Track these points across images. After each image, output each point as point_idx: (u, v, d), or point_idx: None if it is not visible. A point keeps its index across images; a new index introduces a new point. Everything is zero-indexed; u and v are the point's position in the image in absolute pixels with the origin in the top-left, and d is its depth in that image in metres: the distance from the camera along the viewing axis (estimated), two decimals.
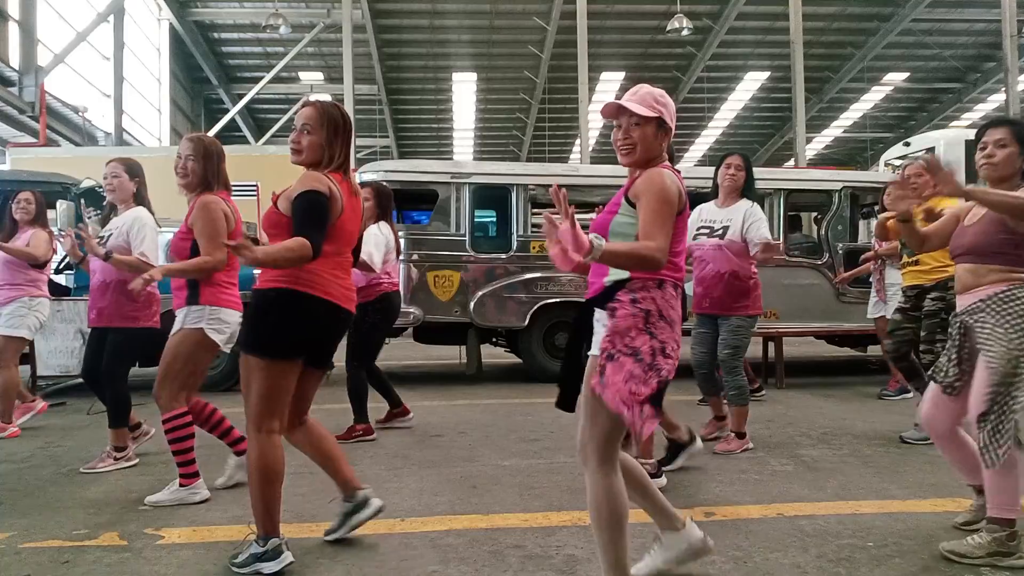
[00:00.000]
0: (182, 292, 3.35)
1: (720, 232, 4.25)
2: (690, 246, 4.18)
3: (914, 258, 4.41)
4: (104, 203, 4.48)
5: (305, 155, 2.60)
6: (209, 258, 3.23)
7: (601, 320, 2.15)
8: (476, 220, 7.44)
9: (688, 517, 2.41)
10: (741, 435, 4.24)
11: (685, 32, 19.84)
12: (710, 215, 4.36)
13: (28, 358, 5.79)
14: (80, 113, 17.95)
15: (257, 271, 2.76)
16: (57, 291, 6.03)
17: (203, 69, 25.52)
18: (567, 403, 2.24)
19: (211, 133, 23.31)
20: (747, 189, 4.34)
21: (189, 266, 3.26)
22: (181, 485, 3.36)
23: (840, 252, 7.19)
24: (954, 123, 30.08)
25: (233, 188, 3.52)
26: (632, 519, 2.14)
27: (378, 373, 4.92)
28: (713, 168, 4.52)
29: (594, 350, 2.17)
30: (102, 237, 4.02)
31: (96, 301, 3.97)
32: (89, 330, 4.09)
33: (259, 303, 2.55)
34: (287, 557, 2.51)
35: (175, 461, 3.36)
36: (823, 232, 7.28)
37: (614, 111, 2.22)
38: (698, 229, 4.32)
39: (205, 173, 3.33)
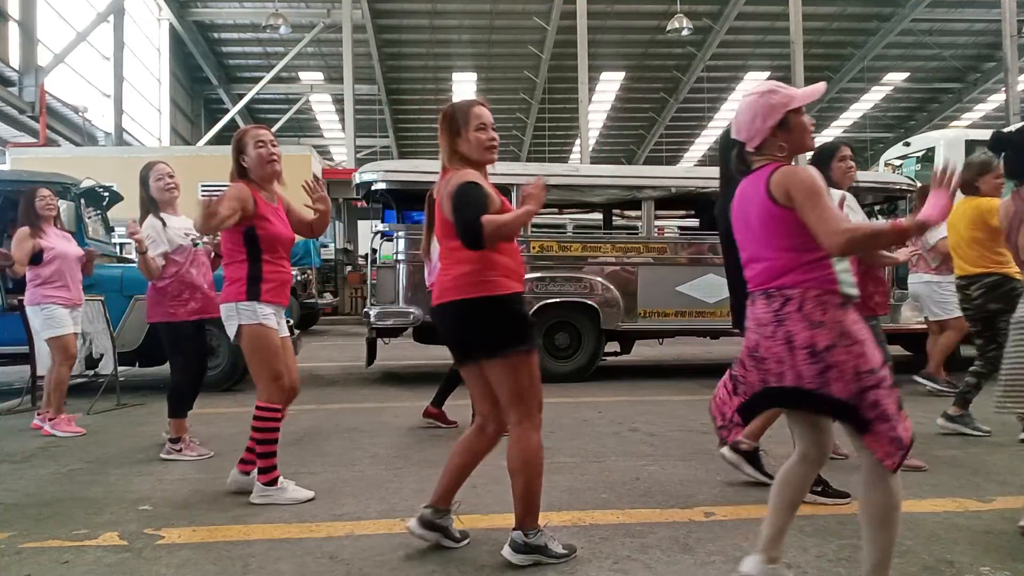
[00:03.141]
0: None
1: None
2: None
3: None
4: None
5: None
6: None
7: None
8: None
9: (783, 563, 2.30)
10: None
11: (685, 32, 19.87)
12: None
13: (28, 358, 5.77)
14: (80, 113, 17.97)
15: None
16: None
17: (203, 69, 25.55)
18: None
19: (211, 133, 23.48)
20: None
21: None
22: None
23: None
24: (954, 123, 30.12)
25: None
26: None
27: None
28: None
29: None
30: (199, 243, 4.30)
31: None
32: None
33: (487, 309, 2.53)
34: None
35: None
36: None
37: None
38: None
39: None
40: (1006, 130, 3.37)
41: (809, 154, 3.62)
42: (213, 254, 4.33)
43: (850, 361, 1.97)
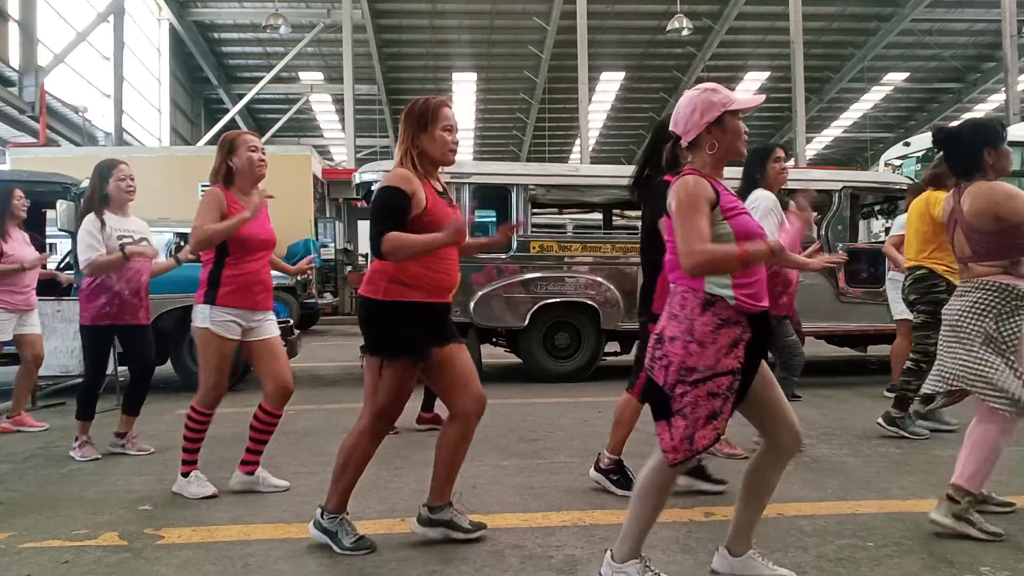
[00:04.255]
0: None
1: None
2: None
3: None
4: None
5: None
6: None
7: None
8: (476, 220, 7.42)
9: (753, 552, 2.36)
10: None
11: (685, 32, 19.85)
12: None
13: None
14: (80, 113, 17.95)
15: None
16: (56, 291, 6.03)
17: (203, 69, 25.54)
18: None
19: (211, 133, 23.47)
20: None
21: None
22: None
23: (840, 252, 7.19)
24: (954, 123, 30.04)
25: None
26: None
27: None
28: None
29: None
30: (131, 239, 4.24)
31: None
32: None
33: (375, 310, 2.70)
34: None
35: None
36: (823, 232, 7.28)
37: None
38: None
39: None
40: (949, 126, 3.40)
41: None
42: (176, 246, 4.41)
43: (681, 355, 2.06)
